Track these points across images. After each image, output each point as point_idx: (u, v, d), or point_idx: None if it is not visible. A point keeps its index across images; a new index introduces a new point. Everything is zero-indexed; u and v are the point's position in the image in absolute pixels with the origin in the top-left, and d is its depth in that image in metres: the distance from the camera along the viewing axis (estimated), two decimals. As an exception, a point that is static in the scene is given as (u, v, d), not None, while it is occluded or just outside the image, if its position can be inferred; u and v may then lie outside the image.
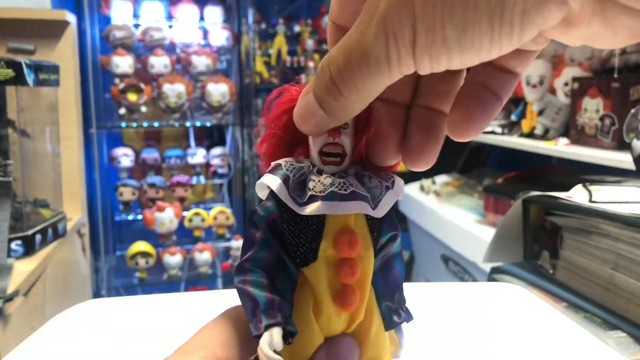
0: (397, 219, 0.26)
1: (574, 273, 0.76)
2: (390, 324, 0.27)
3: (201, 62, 2.32)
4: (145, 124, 2.29)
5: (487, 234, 1.50)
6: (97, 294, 2.22)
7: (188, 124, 2.37)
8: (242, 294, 0.24)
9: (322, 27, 2.50)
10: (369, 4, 0.20)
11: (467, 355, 0.46)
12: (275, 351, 0.23)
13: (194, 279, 2.33)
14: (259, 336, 0.23)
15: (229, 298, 0.56)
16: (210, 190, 2.65)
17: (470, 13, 0.18)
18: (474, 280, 1.61)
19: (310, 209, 0.23)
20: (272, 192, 0.24)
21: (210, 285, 2.38)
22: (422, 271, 2.21)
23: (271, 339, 0.23)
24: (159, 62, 2.27)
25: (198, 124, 2.39)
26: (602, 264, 0.71)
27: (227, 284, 2.38)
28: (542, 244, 0.85)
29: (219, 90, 2.31)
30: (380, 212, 0.24)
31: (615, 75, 1.36)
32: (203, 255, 2.29)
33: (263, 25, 2.51)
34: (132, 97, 2.20)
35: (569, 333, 0.51)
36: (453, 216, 1.79)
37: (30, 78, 1.22)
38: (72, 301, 0.58)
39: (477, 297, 0.58)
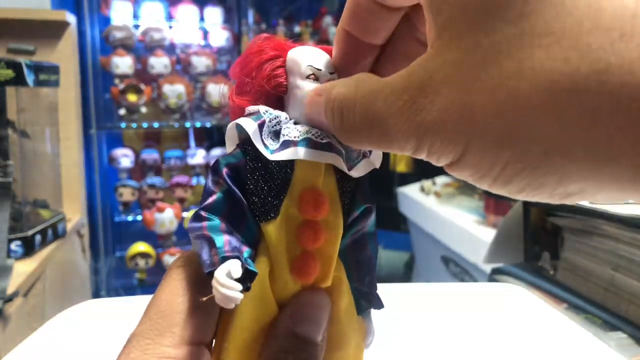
0: (370, 195, 0.24)
1: (574, 274, 0.76)
2: (358, 309, 0.25)
3: (201, 63, 2.32)
4: (145, 125, 2.29)
5: (488, 235, 1.50)
6: (96, 295, 2.22)
7: (188, 124, 2.37)
8: (197, 237, 0.22)
9: (322, 28, 2.50)
10: (407, 79, 0.17)
11: (468, 356, 0.46)
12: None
13: (194, 280, 2.33)
14: (213, 271, 0.20)
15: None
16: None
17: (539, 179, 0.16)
18: (475, 281, 1.61)
19: (280, 153, 0.22)
20: (241, 141, 0.23)
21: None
22: (423, 272, 2.21)
23: (228, 269, 0.20)
24: (159, 63, 2.27)
25: (198, 124, 2.39)
26: (602, 265, 0.71)
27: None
28: (542, 245, 0.85)
29: (219, 91, 2.31)
30: (354, 173, 0.23)
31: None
32: (203, 256, 2.28)
33: (263, 26, 2.51)
34: (132, 97, 2.20)
35: (569, 334, 0.50)
36: (453, 217, 1.79)
37: (30, 78, 1.22)
38: (71, 302, 0.58)
39: (478, 298, 0.58)
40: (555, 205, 0.78)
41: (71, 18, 1.68)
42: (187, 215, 2.31)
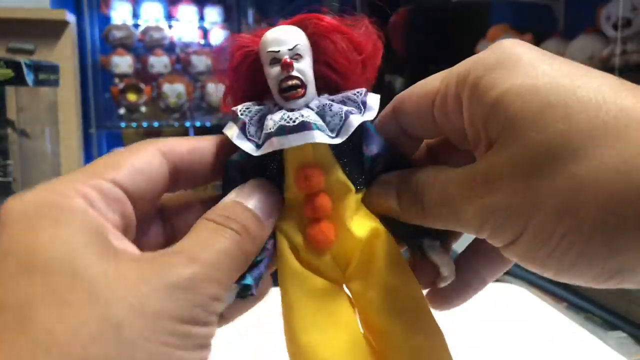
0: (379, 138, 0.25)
1: (574, 273, 0.76)
2: (421, 251, 0.25)
3: (201, 62, 2.32)
4: (145, 124, 2.29)
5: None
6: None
7: (188, 124, 2.37)
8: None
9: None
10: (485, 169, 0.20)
11: (468, 355, 0.46)
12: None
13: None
14: None
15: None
16: (211, 190, 2.65)
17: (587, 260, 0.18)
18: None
19: (262, 148, 0.22)
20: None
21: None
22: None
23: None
24: (159, 62, 2.27)
25: (198, 124, 2.39)
26: (602, 264, 0.71)
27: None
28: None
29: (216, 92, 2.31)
30: (339, 139, 0.23)
31: (616, 75, 1.36)
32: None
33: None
34: (131, 97, 2.20)
35: (569, 333, 0.50)
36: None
37: (29, 78, 1.22)
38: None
39: (478, 297, 0.58)
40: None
41: (71, 17, 1.68)
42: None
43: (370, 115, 0.24)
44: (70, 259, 0.17)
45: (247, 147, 0.23)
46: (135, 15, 2.35)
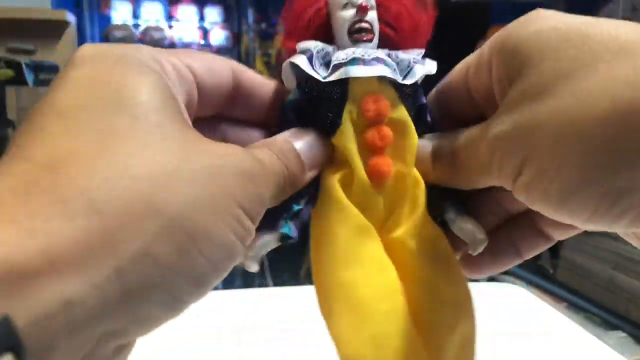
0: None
1: (574, 273, 0.76)
2: (452, 215, 0.24)
3: (201, 62, 2.32)
4: (145, 124, 2.29)
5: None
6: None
7: (188, 124, 2.37)
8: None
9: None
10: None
11: (468, 355, 0.46)
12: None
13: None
14: None
15: (230, 297, 0.56)
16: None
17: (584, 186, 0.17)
18: (475, 280, 1.61)
19: (332, 75, 0.23)
20: (297, 79, 0.24)
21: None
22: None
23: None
24: (159, 62, 2.27)
25: (198, 124, 2.39)
26: (602, 264, 0.71)
27: (225, 286, 2.38)
28: (542, 244, 0.85)
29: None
30: (408, 80, 0.23)
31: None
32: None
33: (263, 25, 2.51)
34: (132, 97, 2.20)
35: (569, 333, 0.50)
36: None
37: (30, 78, 1.22)
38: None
39: (478, 297, 0.58)
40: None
41: (71, 17, 1.68)
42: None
43: (432, 68, 0.24)
44: (154, 108, 0.17)
45: (314, 73, 0.23)
46: (136, 15, 2.35)
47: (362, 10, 0.23)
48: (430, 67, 0.25)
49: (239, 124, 0.25)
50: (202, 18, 2.40)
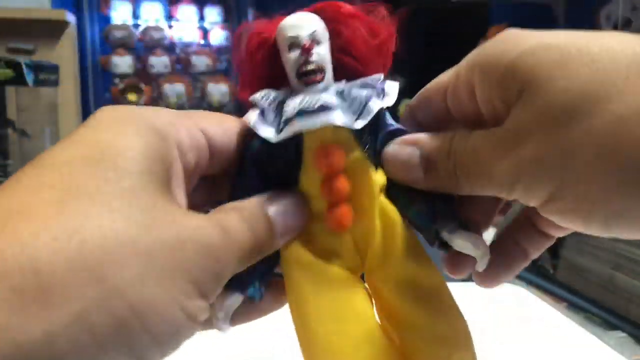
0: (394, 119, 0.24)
1: (574, 273, 0.76)
2: (434, 234, 0.24)
3: (201, 62, 2.32)
4: (145, 124, 2.29)
5: (488, 233, 1.49)
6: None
7: (188, 124, 2.37)
8: None
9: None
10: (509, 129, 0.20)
11: (468, 355, 0.46)
12: None
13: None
14: None
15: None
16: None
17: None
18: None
19: (282, 133, 0.22)
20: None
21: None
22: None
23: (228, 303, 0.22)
24: (159, 62, 2.27)
25: (198, 124, 2.39)
26: (602, 264, 0.71)
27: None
28: (542, 244, 0.85)
29: (219, 90, 2.31)
30: (359, 122, 0.22)
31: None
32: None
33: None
34: (132, 97, 2.20)
35: (569, 333, 0.50)
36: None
37: (29, 78, 1.22)
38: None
39: (478, 297, 0.58)
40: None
41: (71, 17, 1.68)
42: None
43: (389, 100, 0.23)
44: (131, 172, 0.17)
45: (266, 132, 0.22)
46: (135, 15, 2.35)
47: (305, 51, 0.22)
48: (389, 98, 0.23)
49: None
50: (202, 18, 2.40)
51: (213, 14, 2.41)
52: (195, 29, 2.41)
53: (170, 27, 2.38)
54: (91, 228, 0.15)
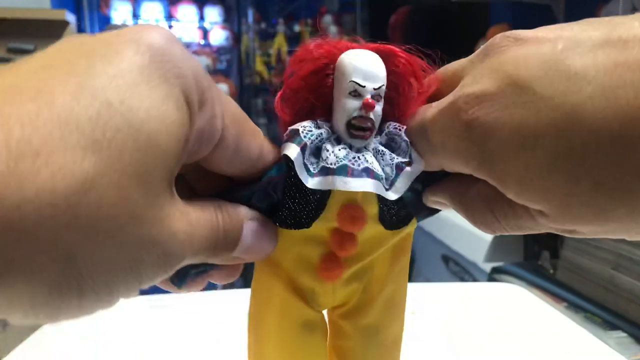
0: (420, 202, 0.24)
1: (574, 273, 0.76)
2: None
3: (201, 62, 2.32)
4: (145, 124, 2.29)
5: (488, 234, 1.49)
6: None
7: (188, 124, 2.37)
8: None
9: (322, 27, 2.50)
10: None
11: (467, 355, 0.46)
12: None
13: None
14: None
15: (230, 297, 0.56)
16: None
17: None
18: (475, 280, 1.61)
19: (317, 182, 0.21)
20: (286, 157, 0.22)
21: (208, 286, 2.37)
22: (423, 271, 2.21)
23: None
24: (159, 62, 2.27)
25: (198, 124, 2.39)
26: (602, 264, 0.71)
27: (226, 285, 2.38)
28: (542, 244, 0.85)
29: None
30: (393, 194, 0.22)
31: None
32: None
33: (263, 25, 2.51)
34: (132, 97, 2.20)
35: (569, 333, 0.51)
36: (453, 216, 1.78)
37: (30, 78, 1.22)
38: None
39: (478, 297, 0.58)
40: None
41: (71, 17, 1.68)
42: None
43: (418, 167, 0.23)
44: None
45: (302, 173, 0.22)
46: (135, 15, 2.35)
47: (367, 107, 0.21)
48: (417, 165, 0.23)
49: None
50: (202, 18, 2.40)
51: (213, 14, 2.41)
52: (195, 29, 2.41)
53: (170, 27, 2.38)
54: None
